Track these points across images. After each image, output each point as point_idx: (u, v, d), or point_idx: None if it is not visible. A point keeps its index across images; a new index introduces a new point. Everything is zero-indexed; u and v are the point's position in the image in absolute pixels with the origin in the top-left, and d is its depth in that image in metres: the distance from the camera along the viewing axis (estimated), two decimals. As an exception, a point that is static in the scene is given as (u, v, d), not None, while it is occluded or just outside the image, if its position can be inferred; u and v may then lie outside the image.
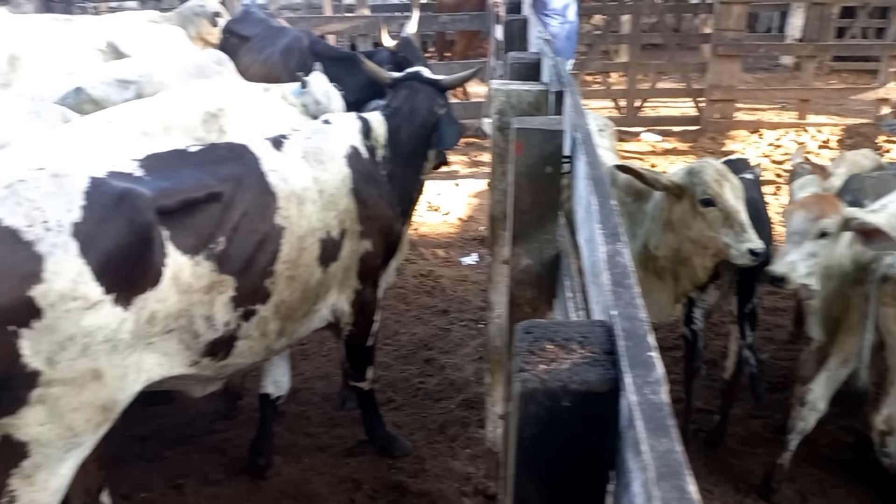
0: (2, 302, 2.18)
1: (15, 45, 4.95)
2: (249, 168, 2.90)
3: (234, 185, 2.80)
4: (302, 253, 2.97)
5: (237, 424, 4.06)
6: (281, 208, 2.90)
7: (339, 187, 3.15)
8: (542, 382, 1.00)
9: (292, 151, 3.09)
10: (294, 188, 2.97)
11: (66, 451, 2.41)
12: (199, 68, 4.56)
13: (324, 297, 3.23)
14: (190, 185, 2.68)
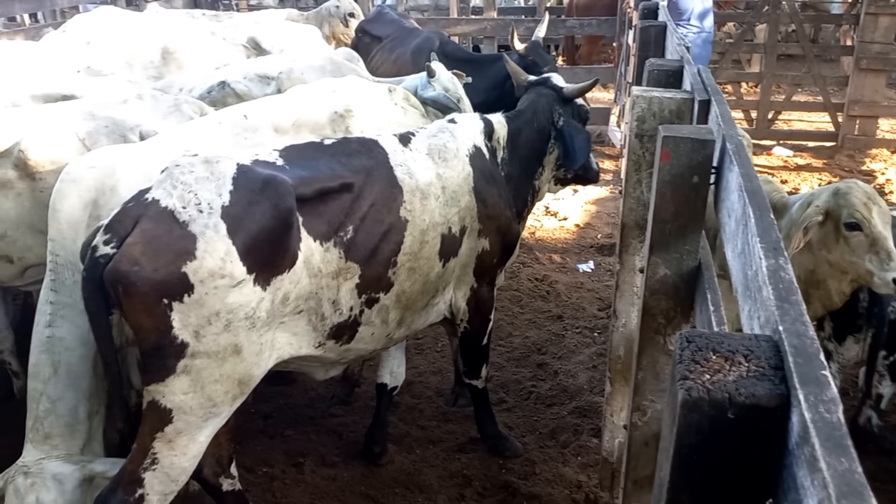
0: (159, 276, 2.36)
1: (167, 38, 5.28)
2: (378, 161, 3.03)
3: (364, 177, 2.92)
4: (423, 246, 3.07)
5: (354, 411, 4.20)
6: (406, 202, 3.01)
7: (462, 185, 3.24)
8: (708, 392, 1.00)
9: (418, 148, 3.20)
10: (419, 183, 3.08)
11: (205, 419, 2.57)
12: (335, 66, 4.72)
13: (442, 292, 3.33)
14: (325, 174, 2.83)
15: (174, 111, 3.73)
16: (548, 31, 8.99)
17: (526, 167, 3.68)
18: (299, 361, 2.97)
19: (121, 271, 2.35)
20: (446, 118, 3.55)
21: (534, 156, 3.70)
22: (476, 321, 3.52)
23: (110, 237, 2.44)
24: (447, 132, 3.35)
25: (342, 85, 3.90)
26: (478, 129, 3.47)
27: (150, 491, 2.54)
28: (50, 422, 2.79)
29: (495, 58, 5.62)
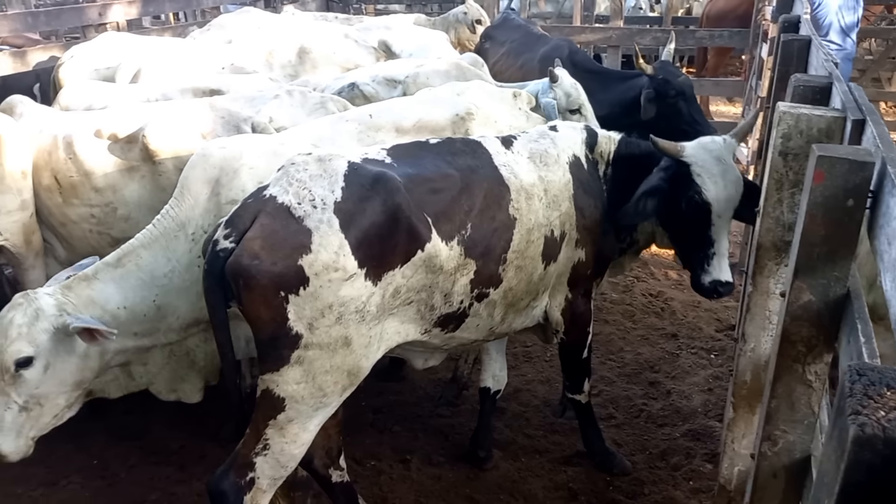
0: (277, 269, 2.46)
1: (304, 39, 5.49)
2: (483, 161, 3.07)
3: (470, 175, 2.97)
4: (529, 245, 3.09)
5: (460, 413, 4.23)
6: (513, 200, 3.04)
7: (563, 190, 3.23)
8: (883, 430, 0.94)
9: (520, 151, 3.23)
10: (523, 183, 3.10)
11: (315, 409, 2.66)
12: (460, 71, 4.77)
13: (541, 296, 3.33)
14: (431, 172, 2.88)
15: (320, 108, 3.88)
16: (677, 41, 8.77)
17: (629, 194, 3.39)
18: (406, 345, 3.02)
19: (242, 265, 2.47)
20: (548, 124, 3.54)
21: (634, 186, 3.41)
22: (573, 333, 3.48)
23: (230, 231, 2.56)
24: (548, 138, 3.35)
25: (466, 88, 3.93)
26: (579, 138, 3.43)
27: (260, 475, 2.65)
28: (79, 283, 2.92)
29: (625, 75, 5.48)
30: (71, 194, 3.69)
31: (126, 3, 6.85)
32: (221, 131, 3.63)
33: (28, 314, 2.74)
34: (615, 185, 3.44)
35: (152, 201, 3.64)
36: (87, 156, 3.64)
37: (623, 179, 3.43)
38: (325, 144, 3.31)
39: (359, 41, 5.68)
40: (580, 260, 3.33)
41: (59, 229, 3.85)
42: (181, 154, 3.55)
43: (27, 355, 2.71)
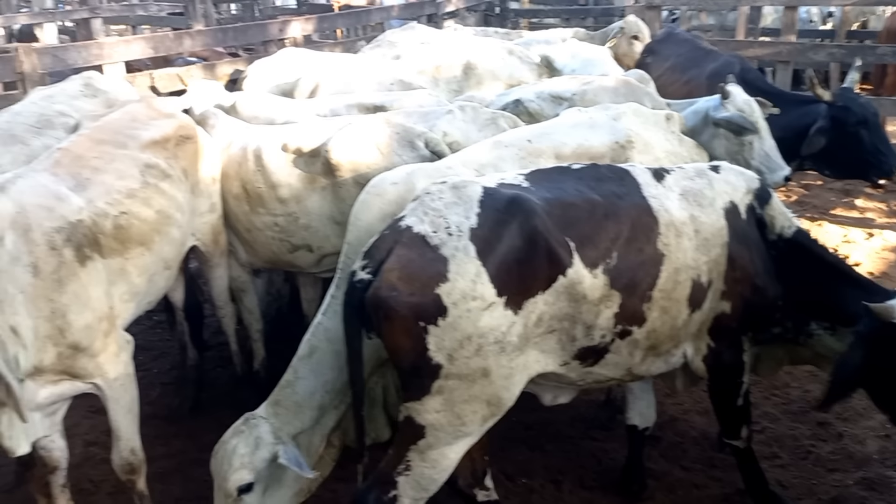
0: (415, 300, 2.49)
1: (470, 55, 5.60)
2: (630, 190, 2.95)
3: (616, 202, 2.86)
4: (676, 286, 2.94)
5: (614, 437, 4.15)
6: (662, 234, 2.90)
7: (715, 235, 3.04)
8: None
9: (671, 186, 3.06)
10: (673, 218, 2.95)
11: (455, 437, 2.69)
12: (628, 88, 4.69)
13: (682, 343, 3.15)
14: (573, 196, 2.81)
15: (491, 124, 3.95)
16: (854, 57, 8.22)
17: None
18: (537, 378, 2.95)
19: (381, 297, 2.50)
20: (709, 165, 3.33)
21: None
22: (719, 382, 3.28)
23: (367, 263, 2.62)
24: (705, 178, 3.15)
25: (623, 112, 3.83)
26: (744, 187, 3.19)
27: (402, 493, 2.71)
28: (285, 393, 3.07)
29: (802, 98, 5.16)
30: (257, 203, 3.97)
31: (303, 20, 7.29)
32: (397, 147, 3.77)
33: (249, 443, 2.94)
34: (781, 265, 3.19)
35: (331, 212, 3.86)
36: (273, 168, 3.90)
37: (794, 268, 3.18)
38: (487, 171, 3.32)
39: (522, 57, 5.73)
40: (724, 313, 3.11)
41: (244, 234, 4.15)
42: (360, 168, 3.73)
43: (248, 482, 2.91)
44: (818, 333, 3.23)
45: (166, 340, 5.37)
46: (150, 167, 3.48)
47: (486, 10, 10.91)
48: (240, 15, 14.63)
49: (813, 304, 3.21)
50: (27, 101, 4.11)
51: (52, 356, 2.88)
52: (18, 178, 2.99)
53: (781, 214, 3.25)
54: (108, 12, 11.08)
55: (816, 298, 3.19)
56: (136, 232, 3.28)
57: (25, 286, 2.78)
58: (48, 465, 3.30)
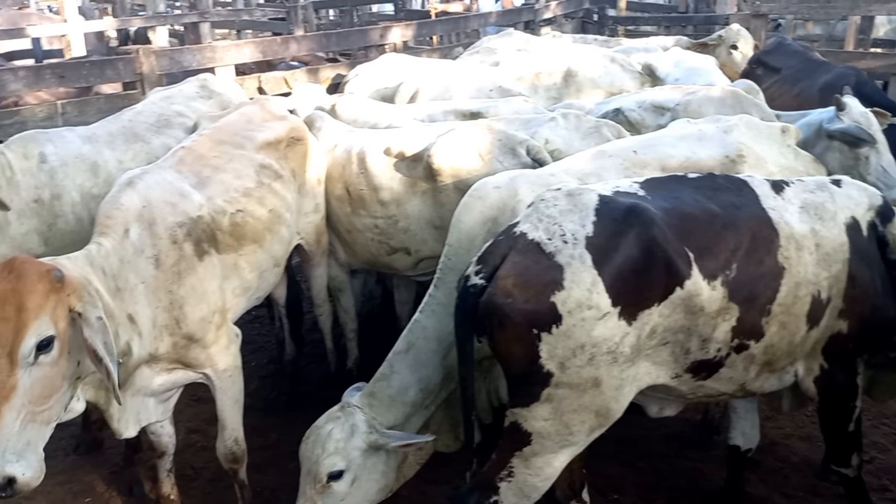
0: (529, 307, 2.47)
1: (571, 62, 5.56)
2: (749, 200, 2.85)
3: (735, 212, 2.77)
4: (796, 301, 2.82)
5: (709, 458, 4.04)
6: (782, 247, 2.80)
7: (836, 250, 2.91)
8: None
9: (791, 199, 2.95)
10: (794, 231, 2.84)
11: (561, 446, 2.66)
12: (736, 99, 4.54)
13: (797, 361, 3.02)
14: (690, 206, 2.73)
15: (594, 132, 3.90)
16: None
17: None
18: (645, 389, 2.89)
19: (495, 303, 2.50)
20: (830, 178, 3.19)
21: None
22: (830, 405, 3.12)
23: (481, 268, 2.61)
24: (826, 192, 3.01)
25: (734, 125, 3.69)
26: (866, 202, 3.05)
27: (503, 500, 2.70)
28: (380, 386, 3.10)
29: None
30: (359, 205, 4.06)
31: (403, 26, 7.41)
32: (498, 153, 3.78)
33: (345, 429, 2.98)
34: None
35: (431, 216, 3.90)
36: (376, 171, 3.98)
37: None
38: (591, 180, 3.28)
39: (624, 65, 5.65)
40: (840, 332, 2.96)
41: (344, 235, 4.25)
42: (461, 174, 3.76)
43: (340, 469, 2.95)
44: None
45: (264, 335, 5.55)
46: (264, 167, 3.62)
47: (583, 17, 10.82)
48: (338, 21, 15.01)
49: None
50: (147, 102, 4.33)
51: (168, 345, 3.03)
52: (146, 174, 3.16)
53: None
54: (216, 16, 11.53)
55: None
56: (250, 229, 3.41)
57: (147, 277, 2.93)
58: (157, 450, 3.46)
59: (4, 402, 2.32)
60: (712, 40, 7.11)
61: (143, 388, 3.06)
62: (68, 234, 3.51)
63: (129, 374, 2.90)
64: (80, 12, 10.25)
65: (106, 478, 4.00)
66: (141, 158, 3.83)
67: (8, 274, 2.40)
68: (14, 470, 2.33)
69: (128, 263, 2.89)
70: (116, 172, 3.63)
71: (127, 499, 3.85)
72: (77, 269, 2.63)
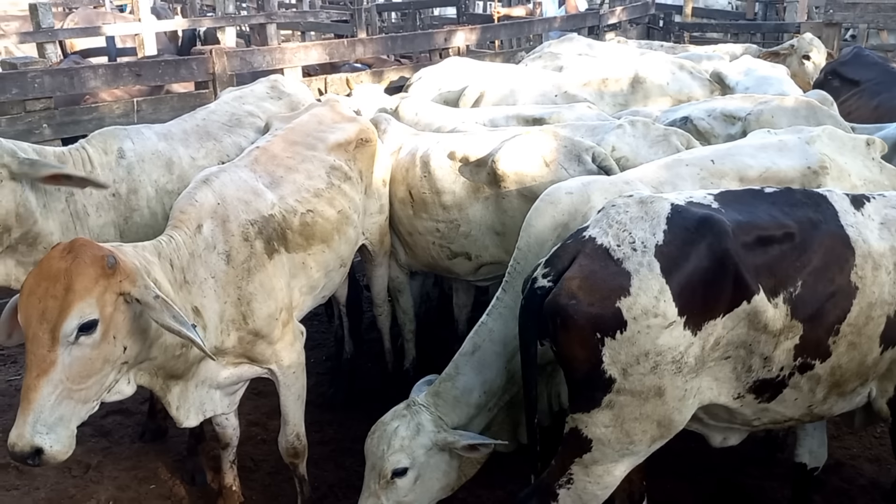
0: (594, 311, 2.46)
1: (638, 68, 5.49)
2: (826, 217, 2.78)
3: (810, 230, 2.71)
4: (868, 322, 2.74)
5: (771, 476, 3.95)
6: (857, 266, 2.72)
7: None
8: None
9: (872, 215, 2.86)
10: (872, 250, 2.75)
11: (622, 455, 2.64)
12: (810, 110, 4.42)
13: (869, 382, 2.92)
14: (765, 221, 2.68)
15: (662, 141, 3.86)
16: None
17: None
18: (707, 416, 2.88)
19: (560, 304, 2.49)
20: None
21: None
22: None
23: (549, 271, 2.61)
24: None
25: (816, 135, 3.59)
26: None
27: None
28: (445, 386, 3.14)
29: None
30: (421, 208, 4.09)
31: (468, 30, 7.44)
32: (564, 160, 3.76)
33: (411, 427, 3.05)
34: None
35: (492, 222, 3.91)
36: (439, 175, 4.00)
37: None
38: (665, 189, 3.23)
39: (693, 72, 5.56)
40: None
41: (405, 237, 4.29)
42: (525, 180, 3.76)
43: (404, 466, 3.01)
44: None
45: (322, 332, 5.64)
46: (334, 169, 3.68)
47: (649, 23, 10.68)
48: (400, 24, 15.14)
49: None
50: (220, 101, 4.44)
51: (234, 340, 3.10)
52: (222, 173, 3.25)
53: None
54: (282, 18, 11.76)
55: None
56: (319, 230, 3.47)
57: (217, 272, 3.01)
58: (221, 441, 3.55)
59: (43, 375, 2.38)
60: (784, 49, 6.94)
61: (209, 380, 3.14)
62: (143, 227, 3.62)
63: (190, 365, 2.97)
64: (152, 12, 10.57)
65: (170, 465, 4.12)
66: (213, 156, 3.93)
67: (66, 254, 2.47)
68: (42, 441, 2.38)
69: (198, 258, 2.97)
70: (190, 169, 3.73)
71: (189, 487, 3.95)
72: (138, 256, 2.69)
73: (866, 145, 3.74)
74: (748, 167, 3.41)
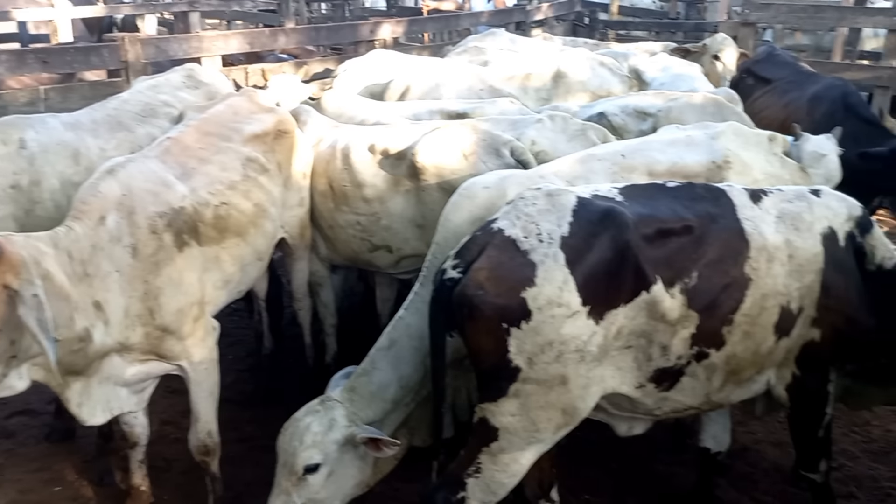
0: (500, 301, 2.51)
1: (560, 64, 5.57)
2: (725, 211, 2.89)
3: (708, 223, 2.81)
4: (762, 312, 2.86)
5: (681, 462, 4.07)
6: (752, 258, 2.84)
7: (810, 261, 2.95)
8: None
9: (768, 209, 2.98)
10: (766, 243, 2.88)
11: (528, 443, 2.69)
12: (717, 107, 4.58)
13: (766, 370, 3.06)
14: (666, 215, 2.77)
15: (580, 135, 3.93)
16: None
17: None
18: (611, 406, 2.96)
19: (467, 295, 2.54)
20: (809, 188, 3.23)
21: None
22: (801, 411, 3.17)
23: (458, 262, 2.65)
24: (804, 201, 3.05)
25: (722, 131, 3.73)
26: (845, 213, 3.08)
27: (471, 496, 2.73)
28: (361, 381, 3.12)
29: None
30: (342, 201, 4.06)
31: (394, 22, 7.40)
32: (482, 153, 3.79)
33: (324, 423, 3.00)
34: (882, 297, 3.05)
35: (413, 215, 3.91)
36: (360, 168, 3.98)
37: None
38: (579, 183, 3.30)
39: (614, 69, 5.67)
40: (813, 341, 3.01)
41: (326, 231, 4.25)
42: (444, 173, 3.77)
43: (316, 462, 2.96)
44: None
45: (242, 329, 5.53)
46: (251, 161, 3.62)
47: (574, 20, 10.84)
48: (330, 14, 14.97)
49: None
50: (134, 90, 4.30)
51: (140, 335, 3.01)
52: (129, 163, 3.15)
53: (882, 245, 3.12)
54: (206, 6, 11.45)
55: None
56: (233, 223, 3.41)
57: (123, 265, 2.91)
58: (129, 441, 3.44)
59: None
60: (696, 47, 7.14)
61: (115, 377, 3.04)
62: (46, 220, 3.47)
63: (91, 360, 2.87)
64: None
65: (78, 466, 3.98)
66: (125, 147, 3.81)
67: None
68: None
69: (101, 250, 2.87)
70: (98, 161, 3.59)
71: (98, 488, 3.83)
72: (28, 247, 2.59)
73: (768, 141, 3.89)
74: (657, 162, 3.51)
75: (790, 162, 3.92)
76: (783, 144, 3.96)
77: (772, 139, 3.92)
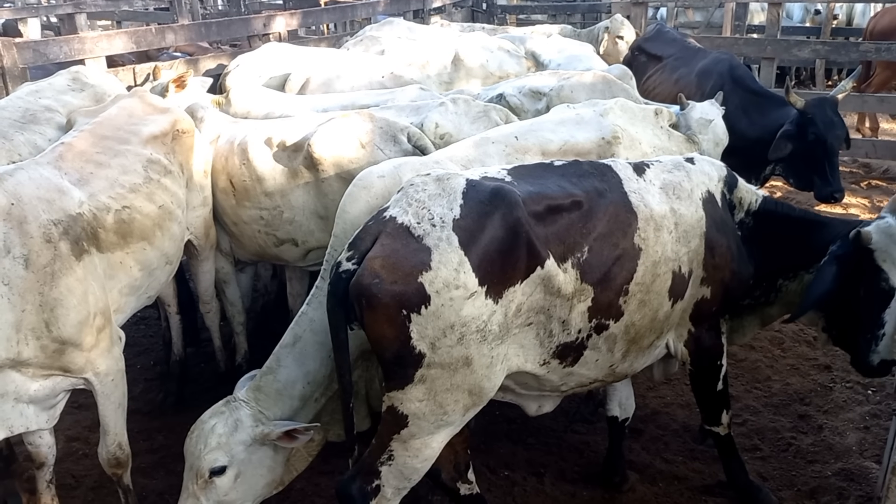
0: (397, 288, 2.50)
1: (460, 48, 5.60)
2: (611, 185, 2.99)
3: (596, 198, 2.90)
4: (655, 279, 2.99)
5: (596, 430, 4.20)
6: (640, 229, 2.95)
7: (694, 226, 3.12)
8: None
9: (652, 180, 3.12)
10: (653, 213, 3.00)
11: (437, 426, 2.71)
12: (606, 85, 4.70)
13: (665, 334, 3.22)
14: (554, 191, 2.84)
15: (483, 116, 3.97)
16: (837, 54, 8.27)
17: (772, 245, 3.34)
18: (518, 386, 3.02)
19: (363, 285, 2.52)
20: (685, 156, 3.41)
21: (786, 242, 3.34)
22: (700, 366, 3.36)
23: (352, 253, 2.63)
24: (683, 170, 3.22)
25: (609, 108, 3.84)
26: (716, 175, 3.30)
27: (385, 483, 2.74)
28: (266, 380, 3.09)
29: (786, 101, 5.08)
30: (243, 197, 3.98)
31: (288, 15, 7.27)
32: (380, 141, 3.78)
33: (229, 424, 2.95)
34: (753, 238, 3.32)
35: (315, 206, 3.87)
36: (258, 162, 3.91)
37: (764, 236, 3.31)
38: (474, 167, 3.32)
39: (511, 51, 5.75)
40: (704, 298, 3.20)
41: (230, 228, 4.16)
42: (342, 163, 3.74)
43: (222, 464, 2.91)
44: (785, 286, 3.38)
45: (150, 336, 5.37)
46: (152, 162, 3.50)
47: (472, 6, 10.90)
48: (225, 10, 14.59)
49: (785, 264, 3.34)
50: (13, 96, 4.07)
51: (35, 349, 2.86)
52: (18, 171, 2.98)
53: (747, 192, 3.37)
54: (93, 7, 10.97)
55: (789, 256, 3.32)
56: (137, 227, 3.29)
57: (13, 278, 2.76)
58: (35, 461, 3.29)
59: None
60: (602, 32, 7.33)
61: (16, 394, 2.89)
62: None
63: None
64: (-60, 2, 9.56)
65: (-21, 493, 3.78)
66: (2, 156, 3.60)
67: None
68: None
69: None
70: (-27, 174, 3.40)
71: (3, 514, 3.66)
72: None
73: (655, 115, 4.02)
74: (549, 141, 3.58)
75: (676, 134, 4.07)
76: (669, 117, 4.11)
77: (658, 113, 4.05)
